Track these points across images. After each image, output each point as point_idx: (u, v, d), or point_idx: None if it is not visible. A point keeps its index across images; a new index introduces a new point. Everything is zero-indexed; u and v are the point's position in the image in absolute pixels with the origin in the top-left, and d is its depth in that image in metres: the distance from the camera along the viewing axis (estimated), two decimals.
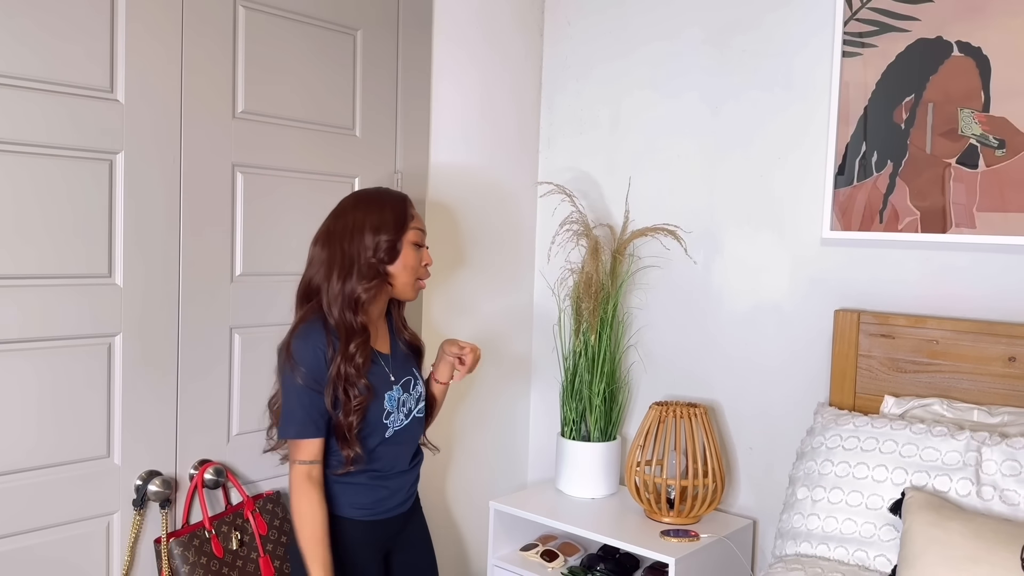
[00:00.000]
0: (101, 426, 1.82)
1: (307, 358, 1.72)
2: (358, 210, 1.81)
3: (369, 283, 1.77)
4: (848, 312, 2.19)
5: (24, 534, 1.71)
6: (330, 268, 1.77)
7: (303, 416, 1.72)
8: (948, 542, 1.63)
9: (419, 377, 1.93)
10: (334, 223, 1.82)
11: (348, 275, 1.76)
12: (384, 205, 1.82)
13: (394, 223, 1.80)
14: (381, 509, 1.82)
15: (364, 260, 1.76)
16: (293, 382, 1.72)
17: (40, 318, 1.71)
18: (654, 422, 2.36)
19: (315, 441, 1.73)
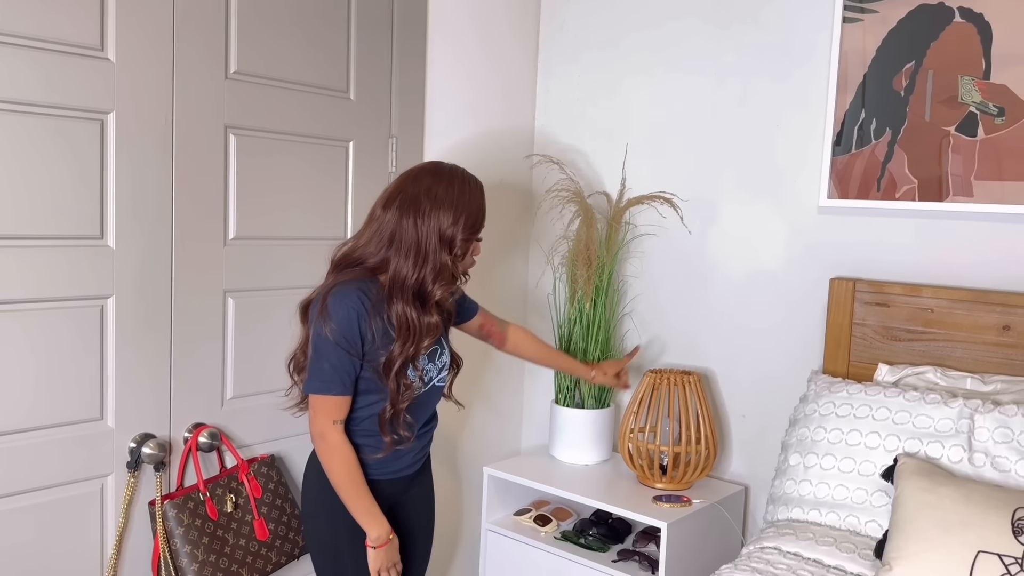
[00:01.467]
0: (94, 388, 1.81)
1: (342, 318, 1.69)
2: (440, 185, 1.75)
3: (445, 285, 1.75)
4: (843, 280, 2.19)
5: (18, 495, 1.71)
6: (399, 244, 1.72)
7: (331, 373, 1.71)
8: (940, 507, 1.64)
9: (445, 346, 1.91)
10: (410, 187, 1.75)
11: (423, 263, 1.73)
12: (466, 193, 1.77)
13: (475, 220, 1.78)
14: (388, 471, 1.83)
15: (440, 258, 1.73)
16: (323, 338, 1.70)
17: (31, 279, 1.70)
18: (648, 389, 2.36)
19: (343, 399, 1.73)
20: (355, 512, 1.75)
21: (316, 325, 1.71)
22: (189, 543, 1.85)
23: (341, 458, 1.74)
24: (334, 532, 1.80)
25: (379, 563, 1.78)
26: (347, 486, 1.74)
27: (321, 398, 1.72)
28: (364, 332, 1.71)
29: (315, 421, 1.75)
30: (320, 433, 1.74)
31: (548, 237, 2.74)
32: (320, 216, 2.20)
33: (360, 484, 1.75)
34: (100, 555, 1.84)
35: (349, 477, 1.74)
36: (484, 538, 2.49)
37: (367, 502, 1.76)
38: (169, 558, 1.84)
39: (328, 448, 1.74)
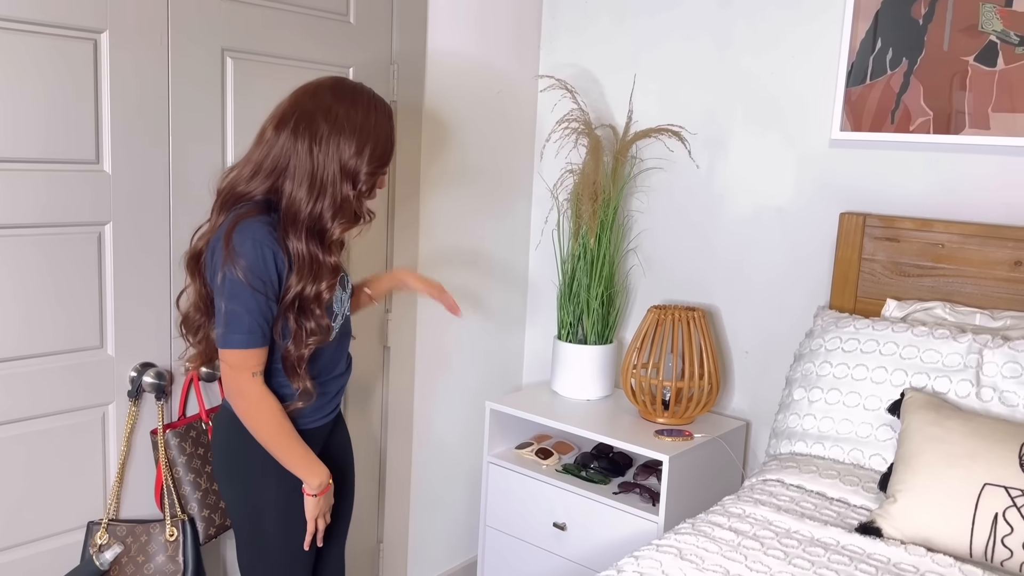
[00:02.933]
0: (93, 317, 1.78)
1: (253, 256, 1.48)
2: (341, 105, 1.53)
3: (346, 223, 1.57)
4: (853, 215, 2.16)
5: (19, 422, 1.70)
6: (293, 171, 1.52)
7: (250, 321, 1.50)
8: (947, 440, 1.64)
9: (348, 284, 1.74)
10: (308, 104, 1.53)
11: (320, 195, 1.52)
12: (372, 117, 1.55)
13: (383, 151, 1.57)
14: (318, 416, 1.68)
15: (341, 191, 1.53)
16: (235, 281, 1.48)
17: (27, 204, 1.65)
18: (652, 325, 2.34)
19: (262, 351, 1.54)
20: (292, 463, 1.59)
21: (224, 268, 1.49)
22: (192, 471, 1.85)
23: (267, 410, 1.55)
24: (258, 491, 1.64)
25: (318, 510, 1.65)
26: (278, 439, 1.57)
27: (238, 352, 1.51)
28: (280, 269, 1.51)
29: (232, 378, 1.54)
30: (239, 390, 1.54)
31: (553, 170, 2.69)
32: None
33: (291, 433, 1.59)
34: (103, 483, 1.84)
35: (279, 428, 1.57)
36: (486, 471, 2.50)
37: (302, 450, 1.60)
38: (172, 486, 1.84)
39: (250, 404, 1.55)
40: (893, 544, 1.61)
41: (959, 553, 1.57)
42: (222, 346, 1.53)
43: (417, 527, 2.59)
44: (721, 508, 1.80)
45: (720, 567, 1.54)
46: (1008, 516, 1.53)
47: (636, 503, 2.24)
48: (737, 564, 1.55)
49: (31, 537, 1.75)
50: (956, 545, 1.57)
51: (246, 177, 1.57)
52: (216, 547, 2.04)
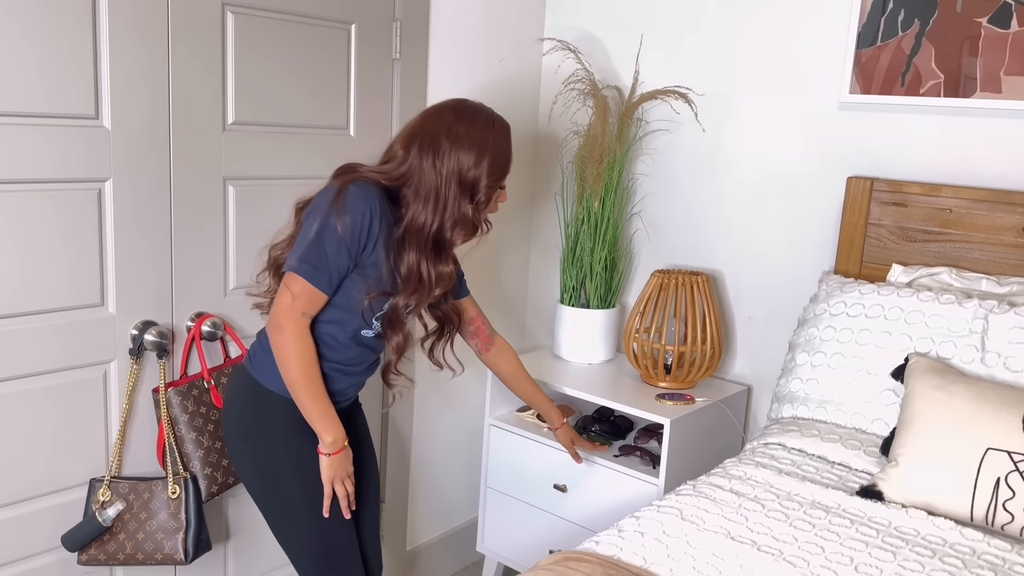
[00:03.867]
0: (94, 274, 1.77)
1: (358, 213, 1.55)
2: (462, 124, 1.63)
3: (465, 234, 1.66)
4: (861, 179, 2.13)
5: (21, 378, 1.69)
6: (418, 187, 1.60)
7: (326, 265, 1.56)
8: (950, 404, 1.63)
9: None
10: (431, 125, 1.63)
11: (442, 209, 1.61)
12: (490, 133, 1.65)
13: (500, 163, 1.66)
14: (335, 400, 1.68)
15: (461, 205, 1.61)
16: (331, 229, 1.55)
17: (26, 158, 1.63)
18: (655, 289, 2.33)
19: (322, 296, 1.59)
20: (311, 412, 1.61)
21: (326, 212, 1.56)
22: (194, 430, 1.85)
23: (301, 351, 1.57)
24: (273, 452, 1.67)
25: (332, 471, 1.64)
26: (305, 384, 1.58)
27: (303, 282, 1.56)
28: (371, 235, 1.58)
29: (283, 305, 1.56)
30: (280, 322, 1.56)
31: (558, 132, 2.66)
32: (321, 104, 2.12)
33: (318, 382, 1.61)
34: (105, 441, 1.84)
35: (307, 374, 1.58)
36: (487, 433, 2.51)
37: (324, 403, 1.61)
38: (174, 444, 1.84)
39: (287, 338, 1.56)
40: (894, 507, 1.61)
41: (960, 517, 1.58)
42: (291, 268, 1.57)
43: (418, 488, 2.60)
44: (722, 470, 1.80)
45: (721, 528, 1.55)
46: (1010, 480, 1.53)
47: (636, 466, 2.25)
48: (738, 525, 1.56)
49: (34, 493, 1.75)
50: (957, 509, 1.57)
51: (368, 169, 1.64)
52: (218, 505, 2.05)
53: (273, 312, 1.60)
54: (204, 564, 2.02)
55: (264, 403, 1.66)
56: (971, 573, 1.42)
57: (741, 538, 1.51)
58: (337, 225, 1.55)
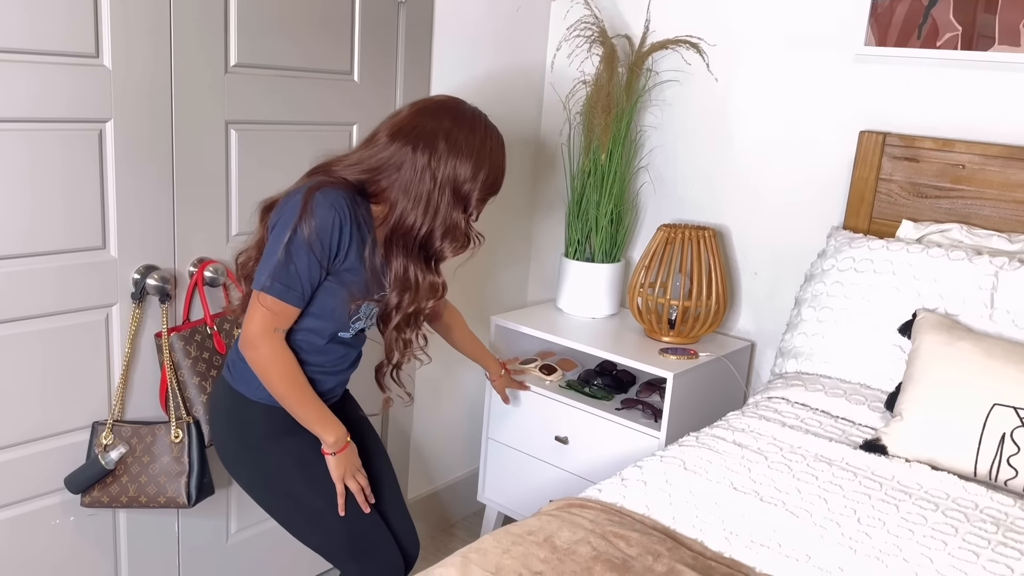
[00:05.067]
0: (95, 216, 1.75)
1: (325, 220, 1.49)
2: (461, 130, 1.56)
3: (458, 247, 1.61)
4: (873, 133, 2.10)
5: (22, 320, 1.68)
6: (407, 186, 1.54)
7: (296, 278, 1.50)
8: (958, 359, 1.63)
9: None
10: (428, 123, 1.55)
11: (433, 216, 1.55)
12: (488, 145, 1.59)
13: (495, 179, 1.62)
14: (324, 399, 1.65)
15: (452, 214, 1.56)
16: (299, 237, 1.48)
17: (24, 96, 1.60)
18: (661, 244, 2.31)
19: (294, 311, 1.55)
20: (306, 418, 1.59)
21: (295, 223, 1.48)
22: (197, 375, 1.85)
23: (282, 365, 1.54)
24: (274, 461, 1.64)
25: (341, 469, 1.62)
26: (293, 393, 1.56)
27: (274, 301, 1.51)
28: (341, 244, 1.52)
29: (255, 325, 1.52)
30: (254, 341, 1.52)
31: (566, 81, 2.61)
32: (325, 48, 2.07)
33: (307, 388, 1.58)
34: (107, 384, 1.84)
35: (293, 384, 1.56)
36: (488, 385, 2.51)
37: (317, 406, 1.59)
38: (177, 389, 1.83)
39: (264, 357, 1.53)
40: (897, 462, 1.61)
41: (964, 472, 1.58)
42: (263, 288, 1.51)
43: (419, 439, 2.61)
44: (725, 423, 1.80)
45: (724, 479, 1.55)
46: (1016, 436, 1.53)
47: (638, 419, 2.25)
48: (741, 476, 1.56)
49: (37, 435, 1.75)
50: (961, 464, 1.57)
51: (347, 164, 1.59)
52: None
53: (246, 331, 1.54)
54: (206, 508, 2.03)
55: (251, 415, 1.64)
56: (974, 527, 1.42)
57: (744, 489, 1.51)
58: (305, 237, 1.48)
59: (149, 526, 1.96)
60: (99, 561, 1.89)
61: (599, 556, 1.27)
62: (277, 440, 1.64)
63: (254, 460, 1.66)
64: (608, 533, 1.33)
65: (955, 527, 1.42)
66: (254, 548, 2.19)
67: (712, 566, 1.28)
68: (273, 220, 1.56)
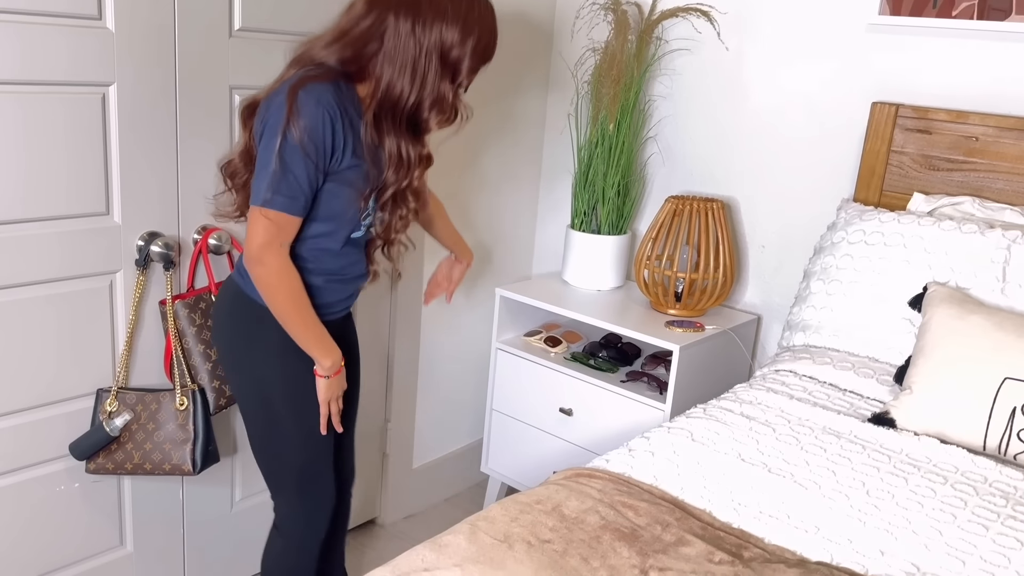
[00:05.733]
0: (99, 182, 1.73)
1: (314, 119, 1.41)
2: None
3: (443, 119, 1.53)
4: (885, 105, 2.07)
5: (26, 286, 1.67)
6: (392, 54, 1.45)
7: (295, 187, 1.44)
8: (969, 333, 1.61)
9: None
10: None
11: (421, 85, 1.47)
12: (476, 8, 1.50)
13: (486, 45, 1.52)
14: (328, 312, 1.63)
15: (440, 84, 1.48)
16: (290, 142, 1.41)
17: (25, 58, 1.57)
18: (668, 215, 2.29)
19: (298, 220, 1.49)
20: (306, 341, 1.55)
21: (280, 125, 1.41)
22: (202, 343, 1.84)
23: (287, 283, 1.50)
24: (268, 372, 1.62)
25: (330, 392, 1.62)
26: (295, 314, 1.53)
27: (278, 214, 1.45)
28: (336, 142, 1.45)
29: (259, 240, 1.46)
30: (260, 256, 1.47)
31: (574, 48, 2.58)
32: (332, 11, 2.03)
33: (309, 309, 1.55)
34: (112, 351, 1.83)
35: (296, 304, 1.52)
36: (494, 357, 2.50)
37: (316, 329, 1.56)
38: (182, 357, 1.82)
39: (270, 273, 1.49)
40: (906, 435, 1.61)
41: (973, 446, 1.57)
42: (262, 204, 1.45)
43: (424, 409, 2.61)
44: (733, 395, 1.79)
45: (732, 450, 1.54)
46: None
47: (643, 391, 2.24)
48: (749, 448, 1.55)
49: (42, 401, 1.74)
50: (970, 438, 1.56)
51: (325, 42, 1.50)
52: (226, 419, 2.05)
53: (250, 247, 1.49)
54: (211, 476, 2.04)
55: (257, 320, 1.59)
56: (983, 500, 1.42)
57: (752, 461, 1.51)
58: (297, 141, 1.42)
59: (154, 493, 1.96)
60: (104, 527, 1.90)
61: (607, 525, 1.27)
62: (277, 353, 1.60)
63: (253, 366, 1.62)
64: (616, 503, 1.33)
65: (964, 500, 1.41)
66: (259, 516, 2.19)
67: (721, 536, 1.28)
68: (258, 128, 1.49)
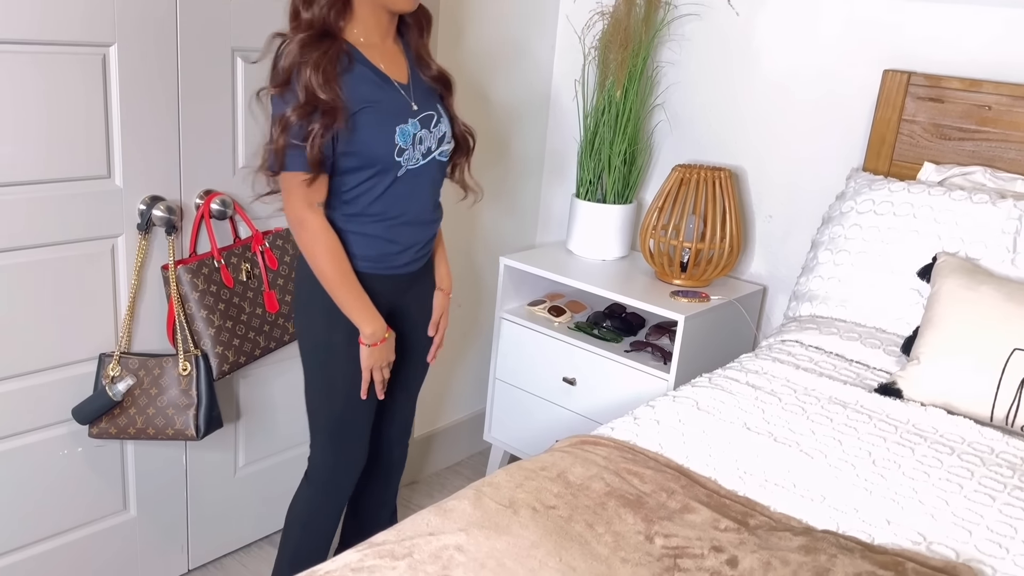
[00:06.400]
0: (99, 144, 1.70)
1: (289, 70, 1.47)
2: None
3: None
4: (897, 72, 2.04)
5: (26, 249, 1.65)
6: None
7: (296, 143, 1.48)
8: (979, 303, 1.60)
9: (444, 115, 1.69)
10: None
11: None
12: None
13: None
14: (387, 264, 1.65)
15: None
16: (274, 102, 1.49)
17: (24, 18, 1.54)
18: (675, 184, 2.27)
19: (315, 177, 1.51)
20: (345, 308, 1.60)
21: (273, 92, 1.49)
22: (205, 308, 1.82)
23: (323, 248, 1.55)
24: (327, 328, 1.64)
25: (372, 361, 1.65)
26: (333, 278, 1.57)
27: (289, 174, 1.50)
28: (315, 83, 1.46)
29: (290, 205, 1.54)
30: (298, 219, 1.54)
31: (581, 12, 2.53)
32: None
33: (348, 275, 1.58)
34: (114, 316, 1.81)
35: (335, 268, 1.57)
36: (497, 326, 2.49)
37: (357, 295, 1.59)
38: (184, 322, 1.81)
39: (308, 237, 1.55)
40: (913, 406, 1.60)
41: (980, 417, 1.56)
42: (270, 169, 1.53)
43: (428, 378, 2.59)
44: (739, 365, 1.78)
45: (738, 419, 1.53)
46: None
47: (647, 361, 2.23)
48: (755, 417, 1.54)
49: (44, 365, 1.74)
50: (978, 409, 1.56)
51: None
52: (229, 386, 2.04)
53: (288, 218, 1.57)
54: (214, 441, 2.04)
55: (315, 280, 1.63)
56: (989, 471, 1.41)
57: (758, 430, 1.50)
58: (283, 99, 1.48)
59: (157, 458, 1.96)
60: (107, 492, 1.90)
61: (613, 492, 1.26)
62: (332, 316, 1.63)
63: (310, 321, 1.67)
64: (622, 470, 1.32)
65: (971, 471, 1.41)
66: (262, 482, 2.19)
67: (727, 504, 1.27)
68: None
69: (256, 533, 2.23)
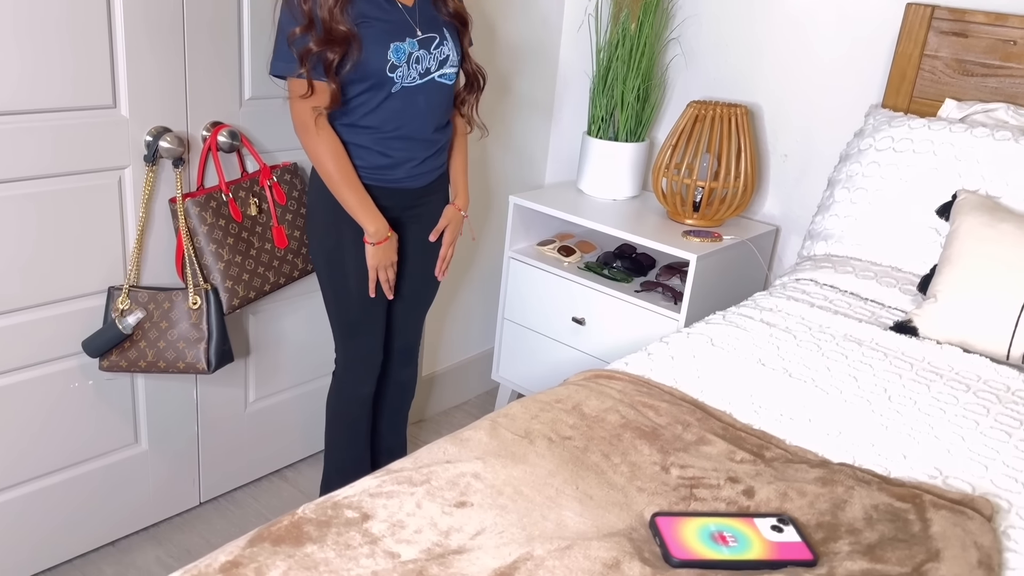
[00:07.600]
0: (104, 73, 1.66)
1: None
2: None
3: None
4: (920, 6, 1.98)
5: (31, 180, 1.62)
6: None
7: (286, 49, 1.59)
8: (999, 241, 1.58)
9: (451, 43, 1.73)
10: None
11: None
12: None
13: None
14: (383, 177, 1.73)
15: None
16: (285, 16, 1.58)
17: None
18: (690, 121, 2.22)
19: (314, 85, 1.59)
20: (349, 206, 1.70)
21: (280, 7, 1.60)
22: (214, 242, 1.80)
23: (325, 147, 1.65)
24: (336, 230, 1.75)
25: (376, 260, 1.76)
26: (336, 177, 1.67)
27: (289, 81, 1.62)
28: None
29: (293, 110, 1.65)
30: (303, 124, 1.64)
31: None
32: None
33: (350, 175, 1.68)
34: (122, 249, 1.80)
35: (336, 167, 1.66)
36: (506, 265, 2.47)
37: (359, 195, 1.70)
38: (193, 256, 1.80)
39: (312, 140, 1.65)
40: (929, 343, 1.59)
41: (996, 355, 1.55)
42: (271, 72, 1.65)
43: (436, 317, 2.59)
44: (752, 302, 1.77)
45: (752, 355, 1.52)
46: None
47: (658, 301, 2.22)
48: (769, 354, 1.53)
49: (52, 298, 1.72)
50: (994, 347, 1.54)
51: None
52: (239, 321, 2.04)
53: (294, 124, 1.67)
54: (225, 376, 2.04)
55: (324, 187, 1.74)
56: (1005, 408, 1.41)
57: (773, 366, 1.49)
58: (288, 12, 1.57)
59: (168, 392, 1.96)
60: (118, 425, 1.90)
61: (628, 424, 1.26)
62: (339, 221, 1.74)
63: (322, 229, 1.79)
64: (637, 403, 1.32)
65: (987, 408, 1.40)
66: (272, 417, 2.20)
67: (742, 436, 1.27)
68: None
69: (267, 467, 2.25)
